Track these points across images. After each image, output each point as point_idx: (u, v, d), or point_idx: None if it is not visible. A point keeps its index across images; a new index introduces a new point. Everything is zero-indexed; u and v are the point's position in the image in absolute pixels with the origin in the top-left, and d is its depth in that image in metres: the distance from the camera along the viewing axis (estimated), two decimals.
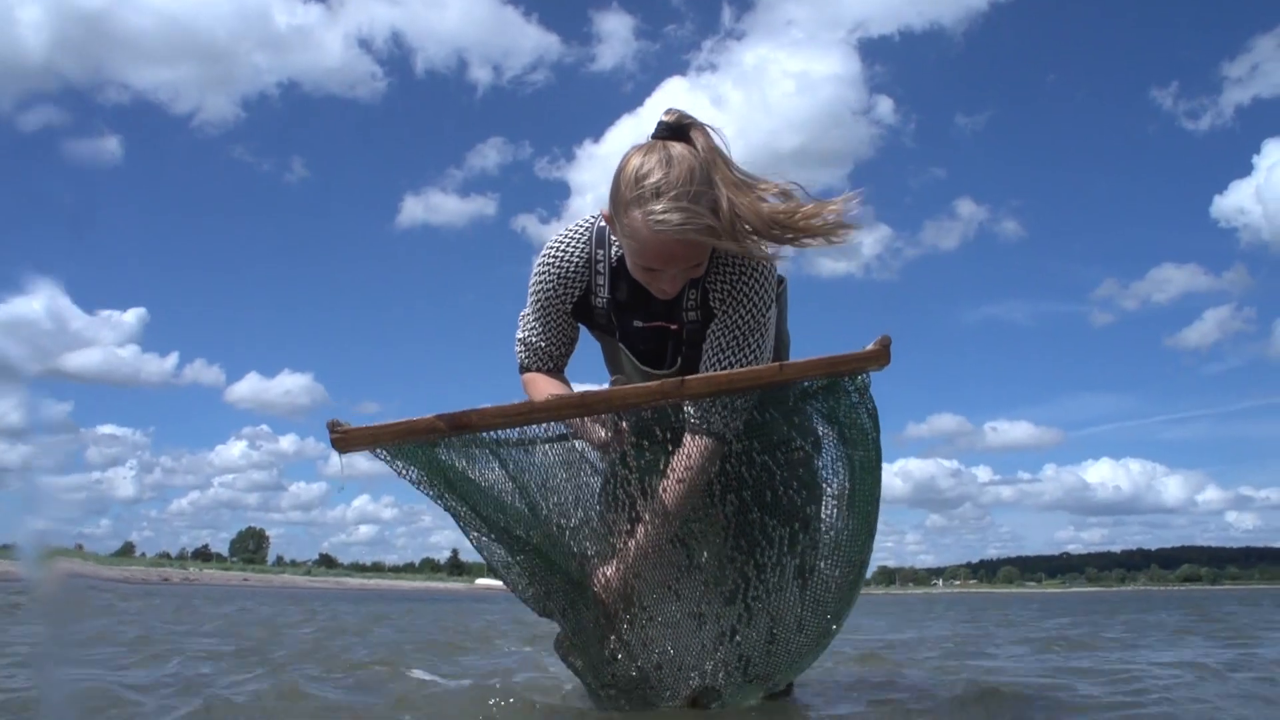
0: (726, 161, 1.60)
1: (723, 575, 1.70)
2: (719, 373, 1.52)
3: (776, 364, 1.52)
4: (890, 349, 1.45)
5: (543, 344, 1.95)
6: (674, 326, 1.82)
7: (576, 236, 1.88)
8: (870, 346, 1.49)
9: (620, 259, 1.79)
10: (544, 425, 1.60)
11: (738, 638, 1.67)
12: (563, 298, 1.90)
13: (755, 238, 1.60)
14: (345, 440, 1.49)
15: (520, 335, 1.99)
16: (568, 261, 1.88)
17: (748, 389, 1.55)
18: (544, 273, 1.90)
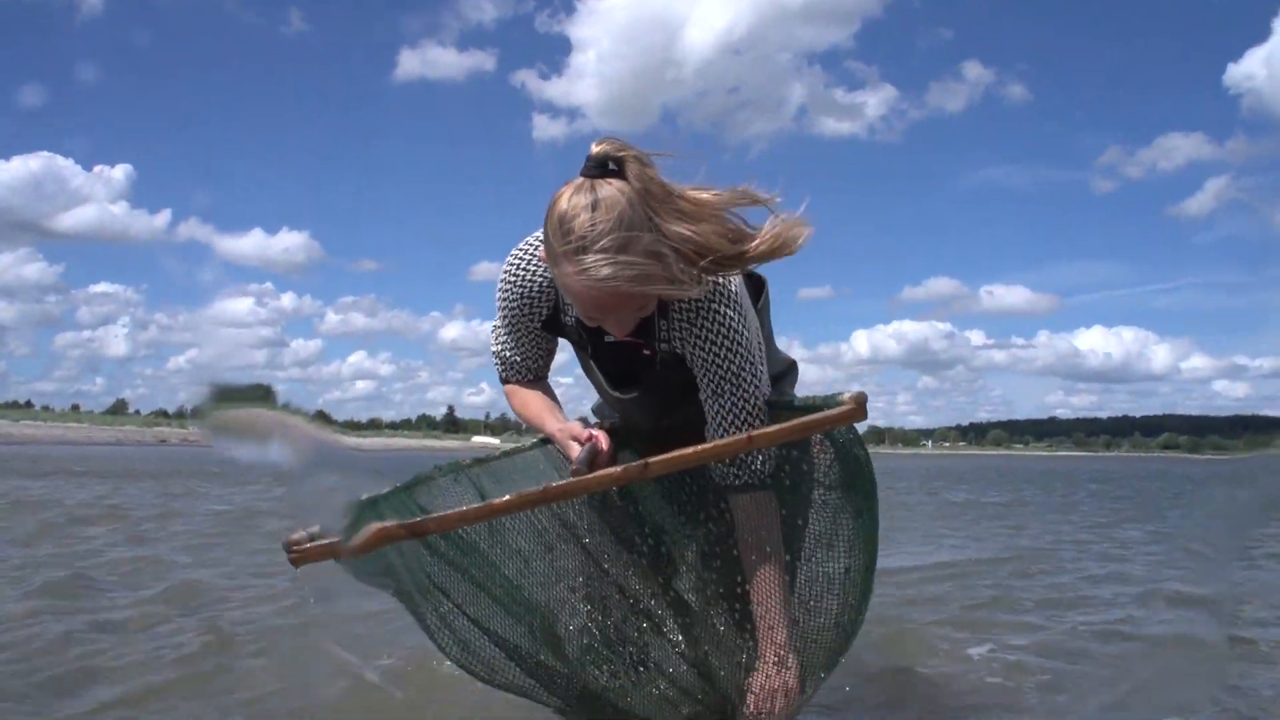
0: (665, 193, 1.42)
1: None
2: (683, 452, 1.38)
3: (745, 436, 1.38)
4: (866, 405, 1.31)
5: (517, 359, 1.82)
6: (648, 351, 1.69)
7: (536, 254, 1.73)
8: (845, 399, 1.35)
9: None
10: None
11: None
12: (529, 316, 1.75)
13: (702, 273, 1.44)
14: (302, 558, 1.40)
15: (494, 349, 1.86)
16: (530, 282, 1.71)
17: (716, 460, 1.44)
18: (507, 291, 1.75)
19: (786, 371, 1.92)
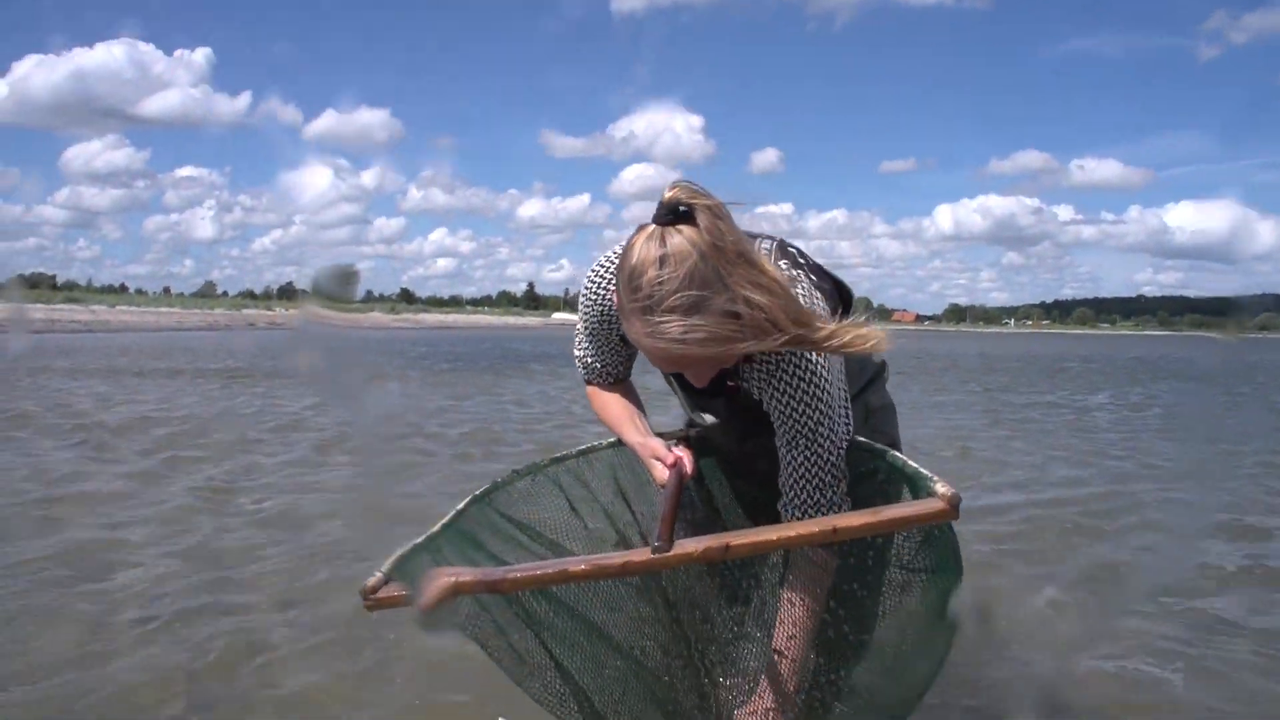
0: (739, 255, 1.31)
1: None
2: (766, 537, 1.34)
3: (830, 525, 1.32)
4: (959, 507, 1.23)
5: (598, 365, 1.80)
6: (731, 383, 1.61)
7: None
8: (938, 497, 1.26)
9: None
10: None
11: None
12: (609, 330, 1.72)
13: (775, 338, 1.35)
14: (378, 605, 1.42)
15: (576, 352, 1.84)
16: (608, 300, 1.64)
17: (796, 546, 1.38)
18: (588, 305, 1.71)
19: (876, 376, 1.85)
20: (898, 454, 1.45)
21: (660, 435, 1.77)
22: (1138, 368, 23.35)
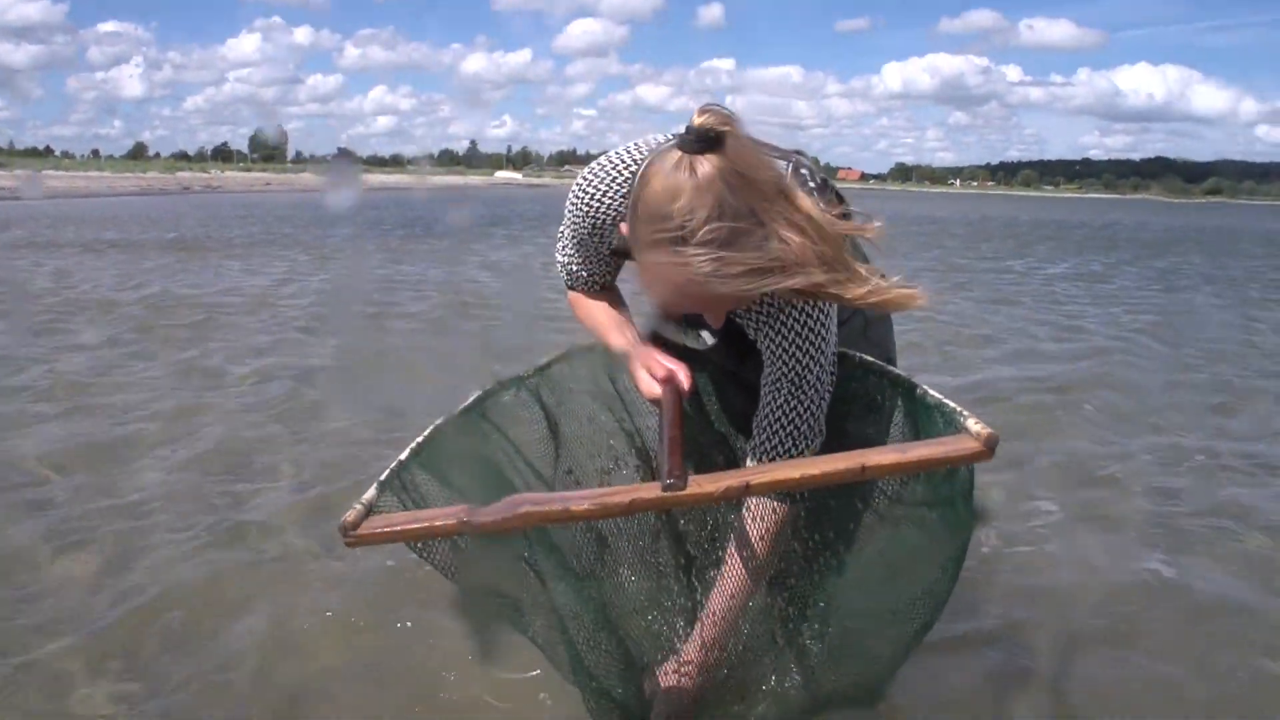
0: (775, 191, 1.19)
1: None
2: (788, 475, 1.25)
3: (859, 463, 1.24)
4: (996, 448, 1.15)
5: (584, 273, 1.68)
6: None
7: (614, 184, 1.50)
8: (973, 436, 1.18)
9: None
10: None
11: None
12: (599, 243, 1.61)
13: (806, 278, 1.25)
14: (359, 542, 1.30)
15: (559, 257, 1.72)
16: (602, 213, 1.54)
17: (821, 485, 1.29)
18: (579, 214, 1.57)
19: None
20: (928, 388, 1.37)
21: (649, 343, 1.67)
22: (1089, 234, 23.60)
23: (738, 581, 1.48)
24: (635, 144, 1.54)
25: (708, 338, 1.61)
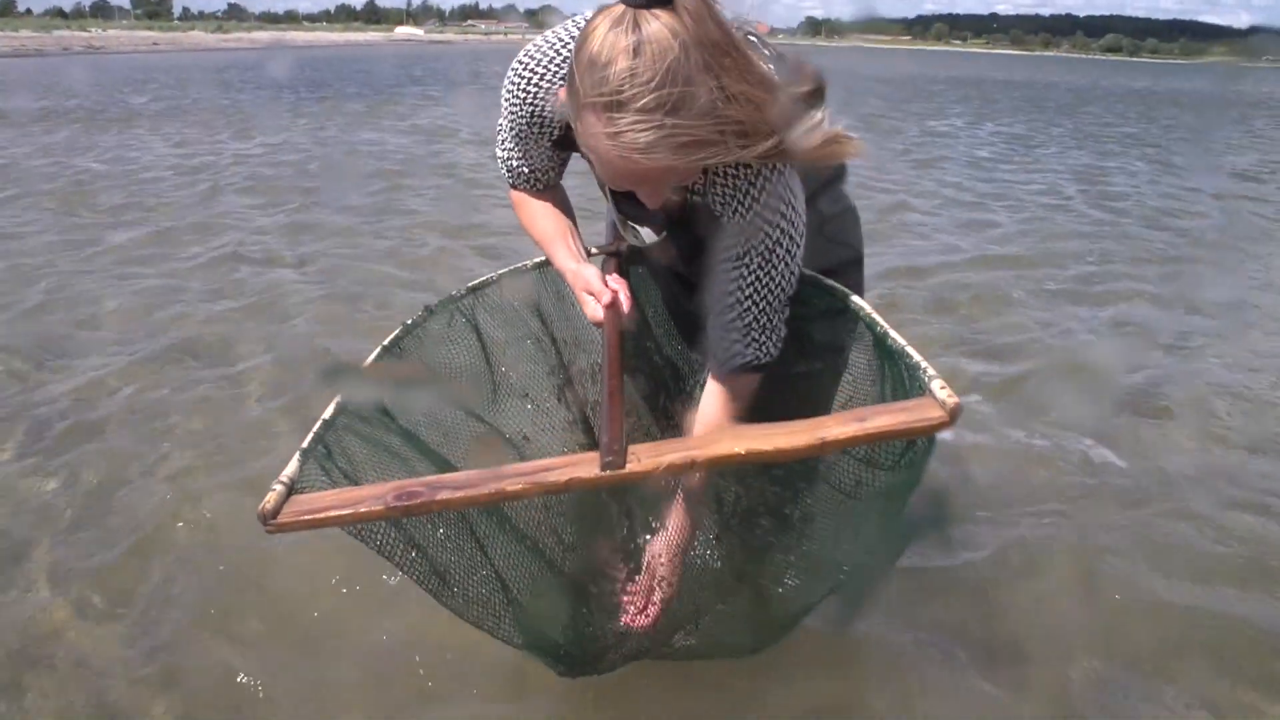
0: (729, 44, 1.07)
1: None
2: (733, 450, 1.12)
3: (817, 438, 1.12)
4: (959, 415, 1.07)
5: (525, 169, 1.54)
6: (675, 198, 1.37)
7: (553, 64, 1.37)
8: (937, 404, 1.09)
9: None
10: None
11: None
12: (539, 133, 1.46)
13: (758, 144, 1.14)
14: (280, 530, 1.14)
15: (499, 153, 1.56)
16: (541, 99, 1.40)
17: (776, 462, 1.18)
18: (514, 104, 1.43)
19: (835, 178, 1.65)
20: (894, 334, 1.29)
21: (592, 253, 1.59)
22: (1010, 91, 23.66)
23: (681, 516, 1.41)
24: (575, 19, 1.39)
25: (647, 235, 1.48)
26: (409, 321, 1.57)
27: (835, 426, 1.09)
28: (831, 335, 1.48)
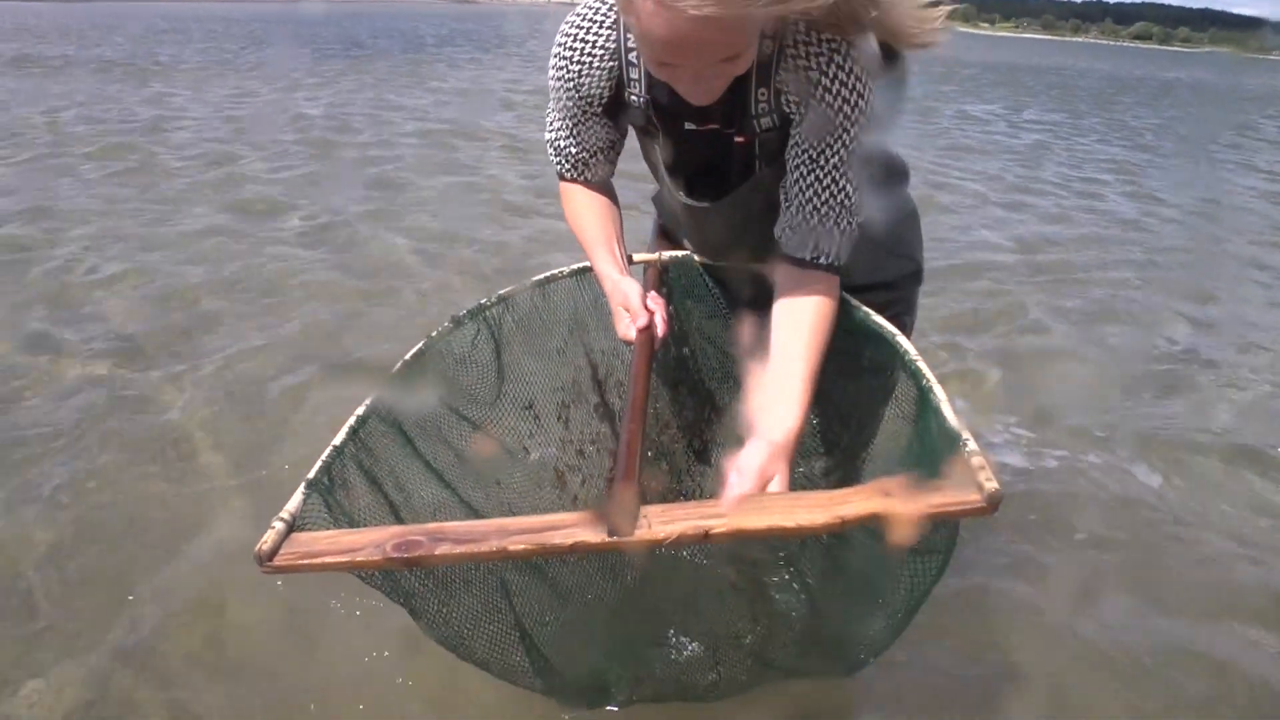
0: None
1: None
2: (754, 526, 1.06)
3: (837, 516, 1.05)
4: (999, 503, 0.98)
5: (573, 149, 1.50)
6: (740, 139, 1.36)
7: (597, 20, 1.37)
8: (976, 488, 1.00)
9: None
10: None
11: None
12: (587, 99, 1.43)
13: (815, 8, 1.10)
14: (276, 572, 1.09)
15: (548, 136, 1.52)
16: (588, 55, 1.38)
17: (798, 538, 1.11)
18: (561, 70, 1.41)
19: (902, 175, 1.62)
20: (938, 390, 1.21)
21: (633, 261, 1.57)
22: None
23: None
24: None
25: (684, 197, 1.48)
26: (433, 334, 1.52)
27: (858, 502, 1.03)
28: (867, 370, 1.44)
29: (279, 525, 1.07)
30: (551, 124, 1.51)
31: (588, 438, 1.73)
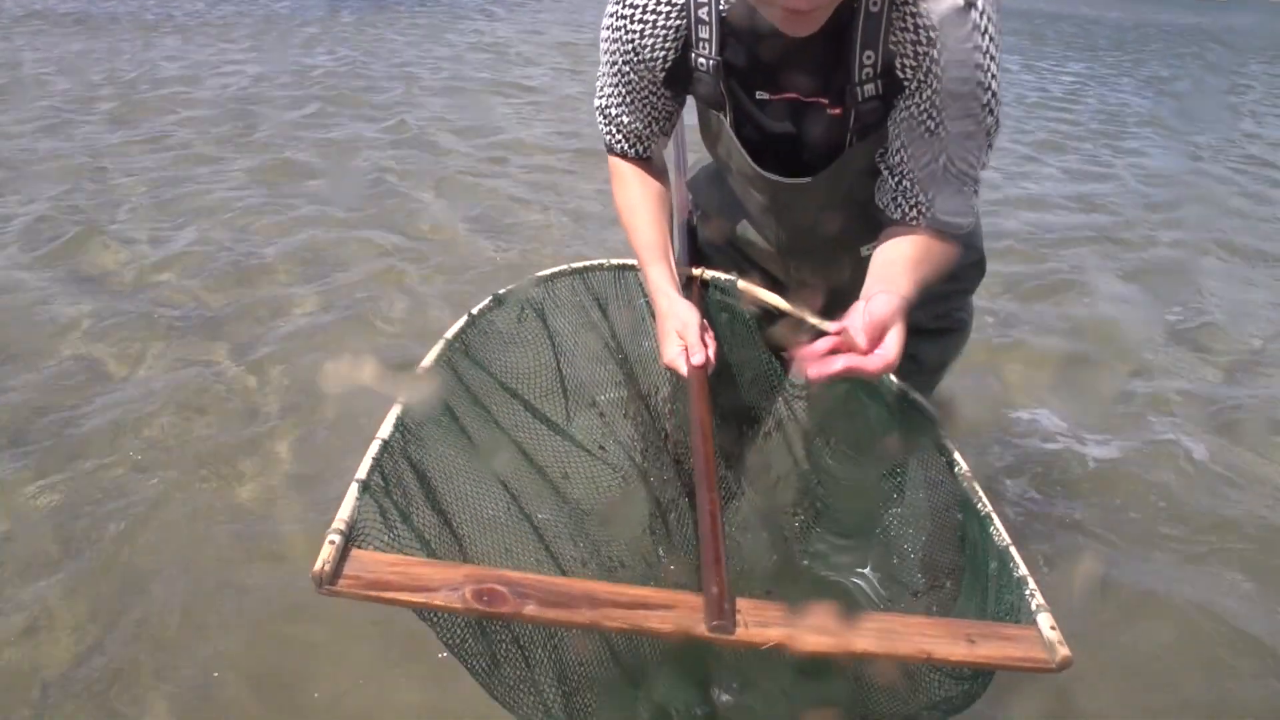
0: None
1: None
2: (850, 644, 1.07)
3: (924, 651, 1.09)
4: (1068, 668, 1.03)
5: (627, 119, 1.37)
6: (836, 110, 1.22)
7: None
8: (1049, 650, 1.05)
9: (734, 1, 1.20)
10: None
11: None
12: (648, 64, 1.29)
13: None
14: (335, 594, 1.02)
15: (598, 103, 1.38)
16: (651, 14, 1.24)
17: (883, 658, 1.12)
18: (618, 30, 1.27)
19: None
20: (999, 525, 1.20)
21: (699, 274, 1.48)
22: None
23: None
24: None
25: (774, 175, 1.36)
26: (474, 311, 1.44)
27: (945, 644, 1.07)
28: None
29: (335, 539, 0.96)
30: (602, 90, 1.38)
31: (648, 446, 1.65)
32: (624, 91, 1.34)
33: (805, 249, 1.46)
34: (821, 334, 1.13)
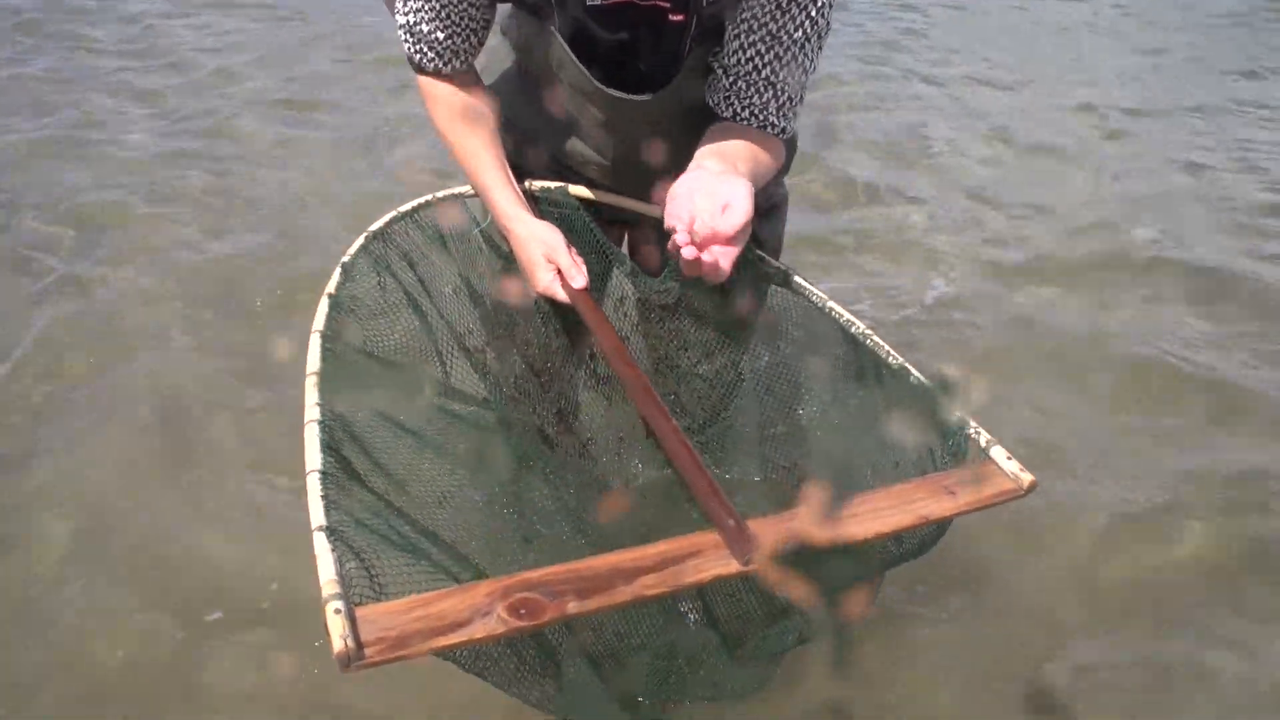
0: None
1: None
2: (850, 528, 1.07)
3: (922, 516, 1.12)
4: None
5: (441, 34, 1.22)
6: (678, 16, 1.15)
7: None
8: (1011, 479, 1.14)
9: None
10: None
11: None
12: None
13: None
14: (366, 668, 0.85)
15: (405, 20, 1.22)
16: None
17: (880, 537, 1.14)
18: None
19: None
20: (896, 357, 1.27)
21: (526, 188, 1.36)
22: None
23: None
24: None
25: (612, 90, 1.25)
26: (330, 290, 1.25)
27: (935, 503, 1.13)
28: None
29: (339, 606, 0.83)
30: (408, 3, 1.23)
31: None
32: (436, 4, 1.20)
33: (639, 164, 1.37)
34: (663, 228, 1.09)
